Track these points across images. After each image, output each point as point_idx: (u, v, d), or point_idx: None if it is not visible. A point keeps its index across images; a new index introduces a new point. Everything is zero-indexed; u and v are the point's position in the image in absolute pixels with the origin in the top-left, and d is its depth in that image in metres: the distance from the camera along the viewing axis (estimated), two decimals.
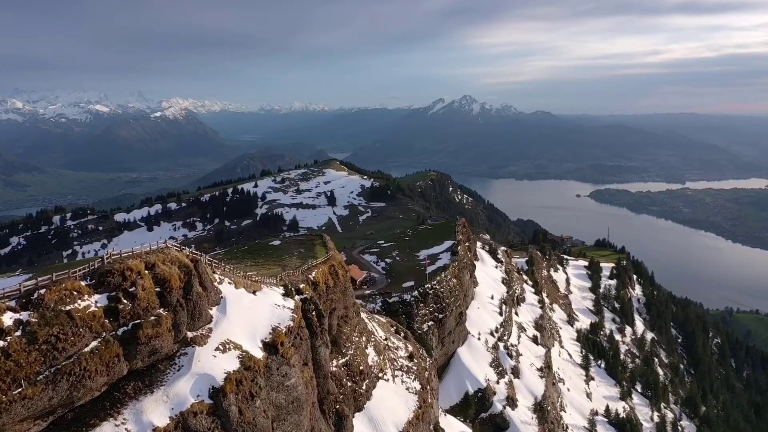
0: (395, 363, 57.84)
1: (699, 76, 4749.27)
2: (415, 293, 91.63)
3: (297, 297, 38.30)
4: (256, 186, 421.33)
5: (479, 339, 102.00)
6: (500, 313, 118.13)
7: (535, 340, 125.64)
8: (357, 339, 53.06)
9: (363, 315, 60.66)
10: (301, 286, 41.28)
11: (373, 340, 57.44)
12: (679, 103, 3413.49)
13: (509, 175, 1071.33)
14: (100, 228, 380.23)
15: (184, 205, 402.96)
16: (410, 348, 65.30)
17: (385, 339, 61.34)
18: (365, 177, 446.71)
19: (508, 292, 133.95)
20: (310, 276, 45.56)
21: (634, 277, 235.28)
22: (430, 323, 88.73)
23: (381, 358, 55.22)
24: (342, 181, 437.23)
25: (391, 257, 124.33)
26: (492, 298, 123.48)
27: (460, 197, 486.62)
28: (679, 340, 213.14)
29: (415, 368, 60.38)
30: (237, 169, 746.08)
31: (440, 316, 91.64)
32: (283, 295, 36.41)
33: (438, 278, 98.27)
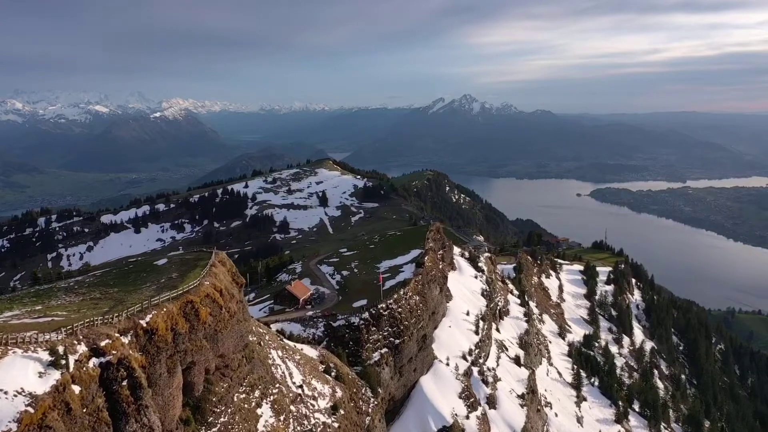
0: (306, 422, 44.77)
1: (700, 75, 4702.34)
2: (366, 315, 77.52)
3: (94, 361, 25.44)
4: (246, 186, 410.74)
5: (448, 365, 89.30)
6: (476, 332, 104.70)
7: (517, 360, 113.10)
8: (244, 396, 40.57)
9: (274, 354, 47.79)
10: (104, 343, 27.13)
11: (275, 392, 45.01)
12: (679, 101, 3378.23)
13: (510, 174, 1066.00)
14: (86, 230, 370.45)
15: (172, 206, 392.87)
16: (339, 394, 52.38)
17: (300, 386, 48.48)
18: (358, 177, 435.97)
19: (488, 306, 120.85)
20: (141, 322, 31.29)
21: (633, 281, 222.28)
22: (384, 351, 75.89)
23: (282, 418, 42.35)
24: (335, 181, 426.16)
25: (349, 269, 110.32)
26: (468, 314, 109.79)
27: (457, 197, 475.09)
28: (681, 348, 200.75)
29: (336, 425, 47.64)
30: (236, 170, 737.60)
31: (396, 341, 78.35)
32: (49, 364, 23.79)
33: (395, 296, 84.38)
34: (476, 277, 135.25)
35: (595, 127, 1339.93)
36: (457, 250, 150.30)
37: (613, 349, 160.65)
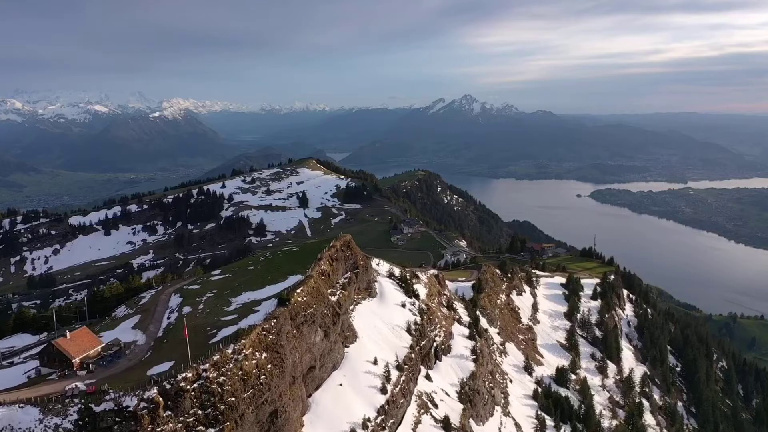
0: None
1: (701, 75, 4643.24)
2: (153, 392, 48.73)
3: None
4: (223, 186, 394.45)
5: None
6: (383, 390, 77.70)
7: (446, 424, 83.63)
8: None
9: None
10: None
11: None
12: (681, 102, 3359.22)
13: (509, 174, 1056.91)
14: (53, 232, 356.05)
15: (145, 206, 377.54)
16: None
17: None
18: (342, 177, 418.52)
19: (414, 346, 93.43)
20: None
21: (625, 293, 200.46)
22: None
23: None
24: (316, 181, 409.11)
25: (197, 303, 79.34)
26: (376, 362, 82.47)
27: (449, 198, 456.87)
28: (678, 369, 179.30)
29: None
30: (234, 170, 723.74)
31: (211, 430, 51.54)
32: None
33: (216, 357, 55.16)
34: (404, 306, 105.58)
35: (595, 128, 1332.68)
36: (384, 268, 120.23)
37: (595, 381, 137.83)
